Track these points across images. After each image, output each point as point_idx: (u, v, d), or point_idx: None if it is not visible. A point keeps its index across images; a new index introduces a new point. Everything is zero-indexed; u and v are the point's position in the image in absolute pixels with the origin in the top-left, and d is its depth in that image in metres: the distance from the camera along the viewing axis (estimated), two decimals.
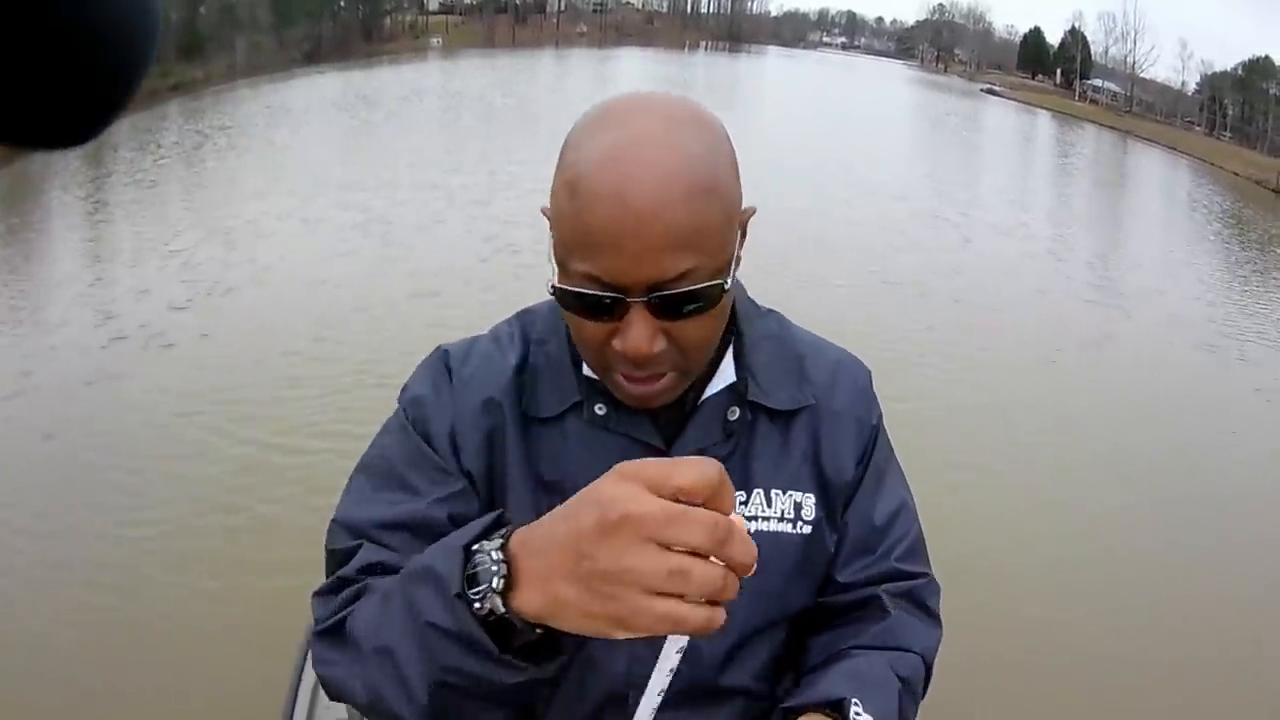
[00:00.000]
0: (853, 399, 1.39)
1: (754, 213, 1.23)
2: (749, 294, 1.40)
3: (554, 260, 1.16)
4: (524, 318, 1.42)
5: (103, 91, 0.48)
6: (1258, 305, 14.89)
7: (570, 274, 1.13)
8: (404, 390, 1.38)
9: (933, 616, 1.42)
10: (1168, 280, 15.76)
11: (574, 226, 1.11)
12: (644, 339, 1.13)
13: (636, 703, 1.08)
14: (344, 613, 1.19)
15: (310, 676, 2.84)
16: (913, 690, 1.31)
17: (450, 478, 1.30)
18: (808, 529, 1.34)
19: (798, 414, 1.35)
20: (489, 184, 16.77)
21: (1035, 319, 11.87)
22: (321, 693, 2.78)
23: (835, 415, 1.37)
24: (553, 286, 1.17)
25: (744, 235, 1.22)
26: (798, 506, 1.34)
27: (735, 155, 1.19)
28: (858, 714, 1.16)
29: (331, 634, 1.20)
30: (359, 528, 1.28)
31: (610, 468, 1.04)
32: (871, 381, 1.44)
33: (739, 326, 1.33)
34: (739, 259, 1.20)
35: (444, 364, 1.37)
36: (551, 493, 1.29)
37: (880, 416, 1.43)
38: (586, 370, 1.30)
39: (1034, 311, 12.25)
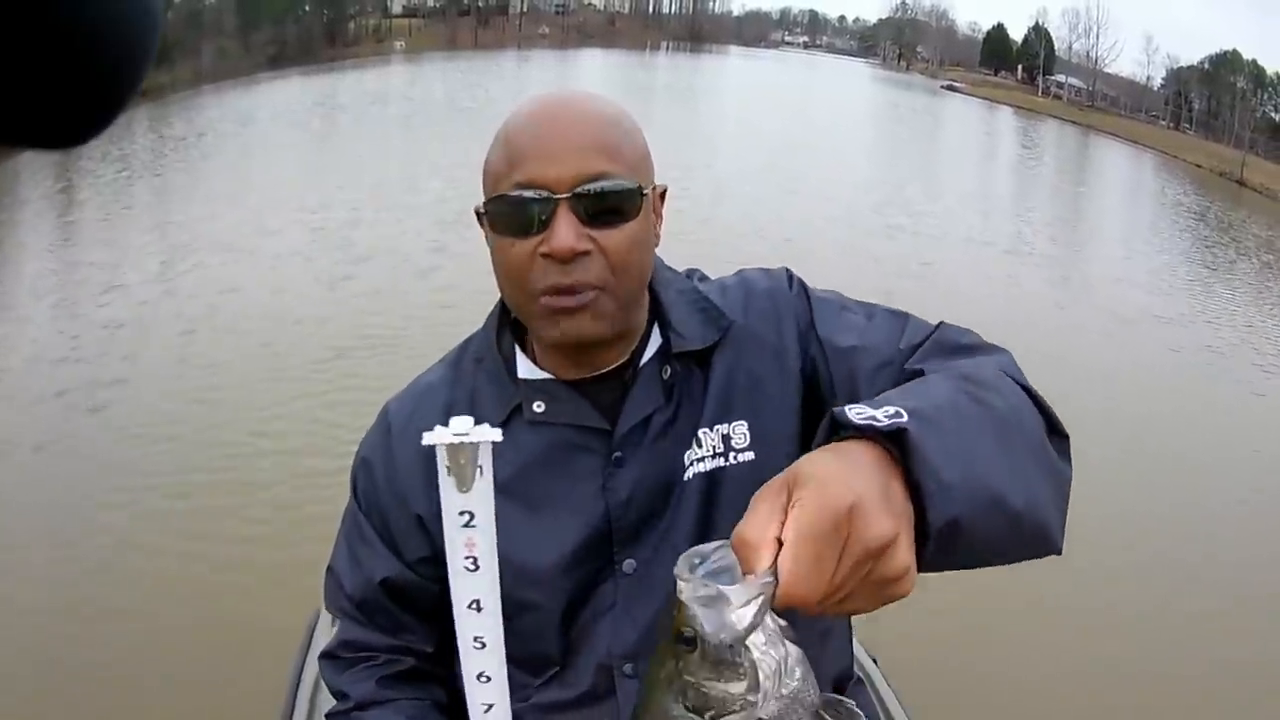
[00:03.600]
0: (767, 296, 1.40)
1: (666, 189, 1.35)
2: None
3: (485, 215, 1.29)
4: (465, 343, 1.49)
5: (103, 91, 0.48)
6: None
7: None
8: (358, 450, 1.49)
9: (980, 344, 1.30)
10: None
11: (503, 152, 1.27)
12: (569, 236, 1.21)
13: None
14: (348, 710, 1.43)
15: (311, 673, 2.80)
16: (1003, 387, 1.11)
17: (395, 543, 1.42)
18: (748, 455, 1.34)
19: (719, 345, 1.36)
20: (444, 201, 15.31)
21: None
22: (322, 689, 2.76)
23: (747, 327, 1.37)
24: (483, 205, 1.29)
25: (660, 207, 1.36)
26: (725, 438, 1.34)
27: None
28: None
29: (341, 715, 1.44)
30: (345, 594, 1.45)
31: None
32: (787, 271, 1.45)
33: (656, 292, 1.38)
34: (658, 226, 1.35)
35: (386, 424, 1.45)
36: (508, 495, 1.30)
37: (802, 284, 1.42)
38: (522, 373, 1.38)
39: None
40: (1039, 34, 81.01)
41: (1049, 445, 1.12)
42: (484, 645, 1.03)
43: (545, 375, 1.37)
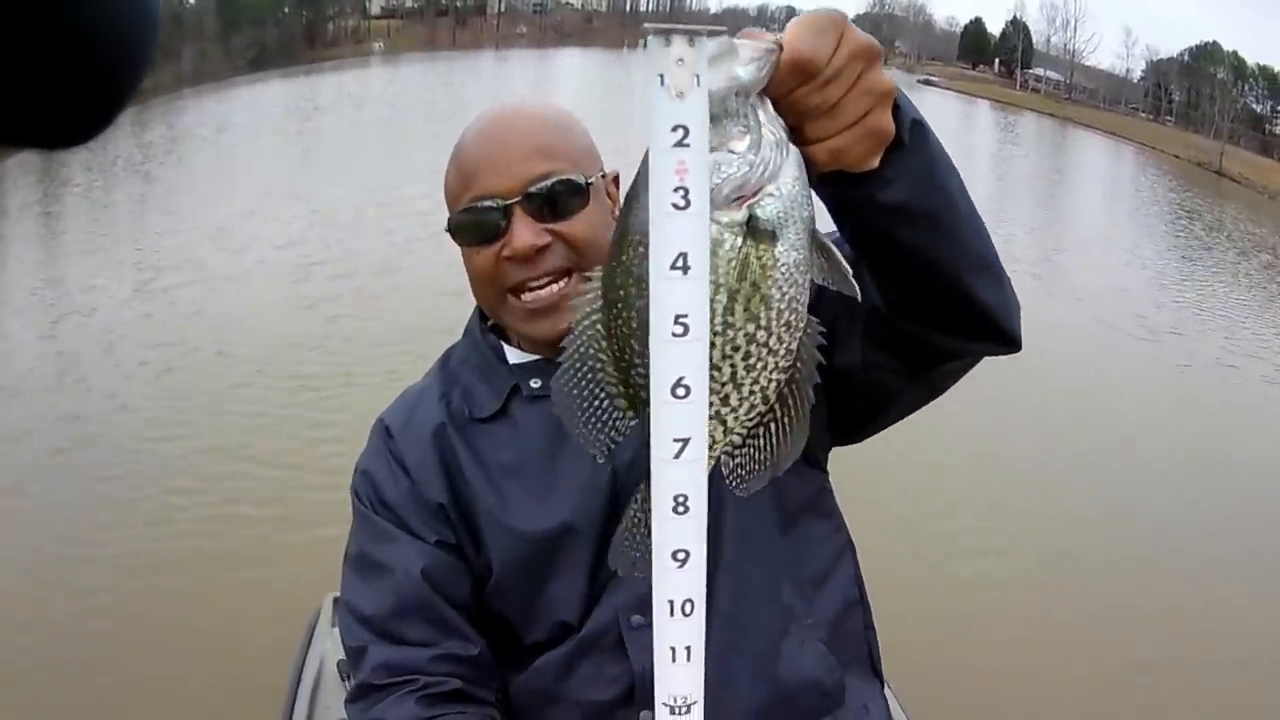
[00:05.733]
0: None
1: (618, 174, 1.44)
2: None
3: (452, 233, 1.42)
4: (446, 354, 1.57)
5: (103, 91, 0.48)
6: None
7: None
8: (355, 470, 1.51)
9: None
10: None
11: (455, 171, 1.40)
12: (527, 235, 1.32)
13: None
14: None
15: (311, 671, 2.89)
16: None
17: (416, 530, 1.42)
18: None
19: None
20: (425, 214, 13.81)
21: None
22: (322, 687, 2.80)
23: None
24: (448, 226, 1.41)
25: (615, 192, 1.44)
26: None
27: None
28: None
29: None
30: (367, 620, 1.40)
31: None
32: None
33: None
34: (615, 205, 1.42)
35: (383, 429, 1.51)
36: (511, 475, 1.40)
37: None
38: (513, 360, 1.46)
39: None
40: (1017, 28, 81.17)
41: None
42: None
43: (535, 357, 1.44)
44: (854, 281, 0.87)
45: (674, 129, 0.73)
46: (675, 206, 0.73)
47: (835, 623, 1.46)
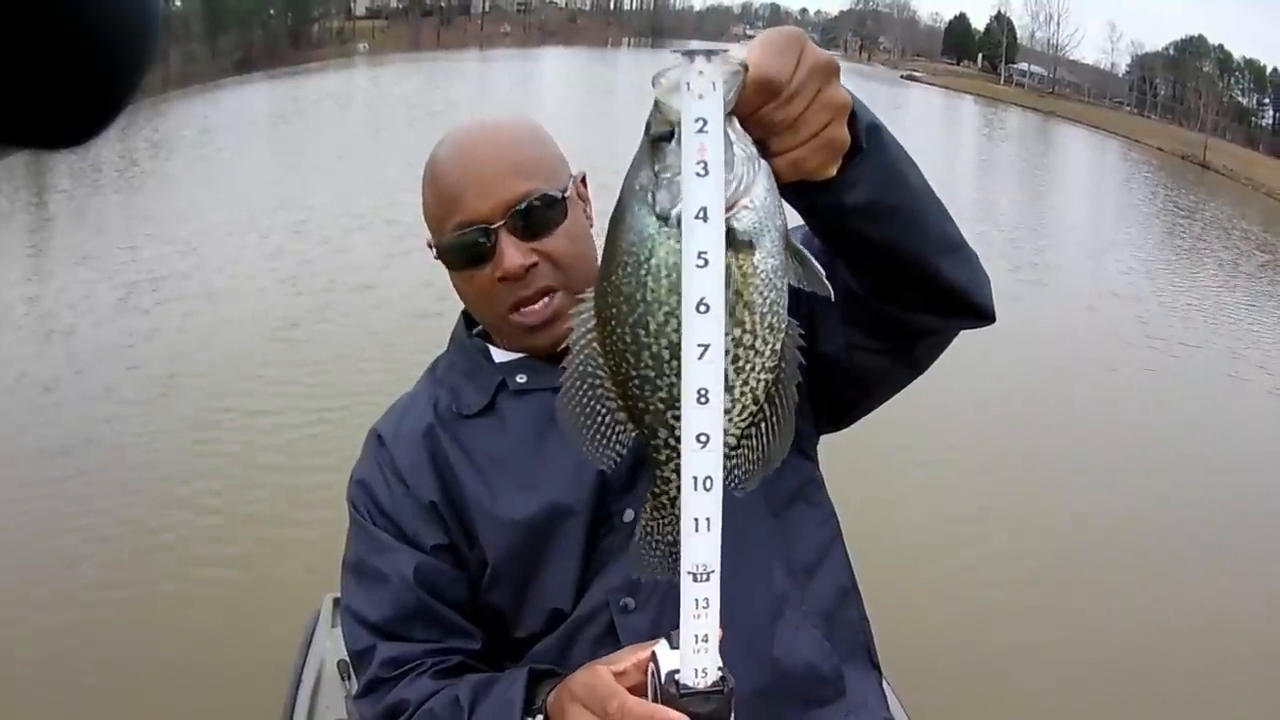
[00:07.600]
0: None
1: (584, 174, 1.52)
2: None
3: (436, 251, 1.46)
4: (433, 364, 1.61)
5: (102, 91, 0.48)
6: None
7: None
8: (350, 480, 1.54)
9: None
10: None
11: (435, 197, 1.43)
12: (516, 256, 1.37)
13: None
14: None
15: (312, 671, 2.89)
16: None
17: (412, 537, 1.45)
18: None
19: None
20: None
21: None
22: (322, 687, 2.82)
23: None
24: (432, 247, 1.46)
25: (585, 192, 1.51)
26: None
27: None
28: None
29: None
30: (371, 625, 1.43)
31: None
32: None
33: None
34: (588, 209, 1.50)
35: (376, 438, 1.54)
36: (499, 465, 1.44)
37: None
38: (497, 357, 1.50)
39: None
40: (1001, 23, 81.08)
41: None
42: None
43: (521, 355, 1.48)
44: (828, 283, 0.95)
45: (696, 120, 0.85)
46: (698, 175, 0.85)
47: (830, 611, 1.48)
